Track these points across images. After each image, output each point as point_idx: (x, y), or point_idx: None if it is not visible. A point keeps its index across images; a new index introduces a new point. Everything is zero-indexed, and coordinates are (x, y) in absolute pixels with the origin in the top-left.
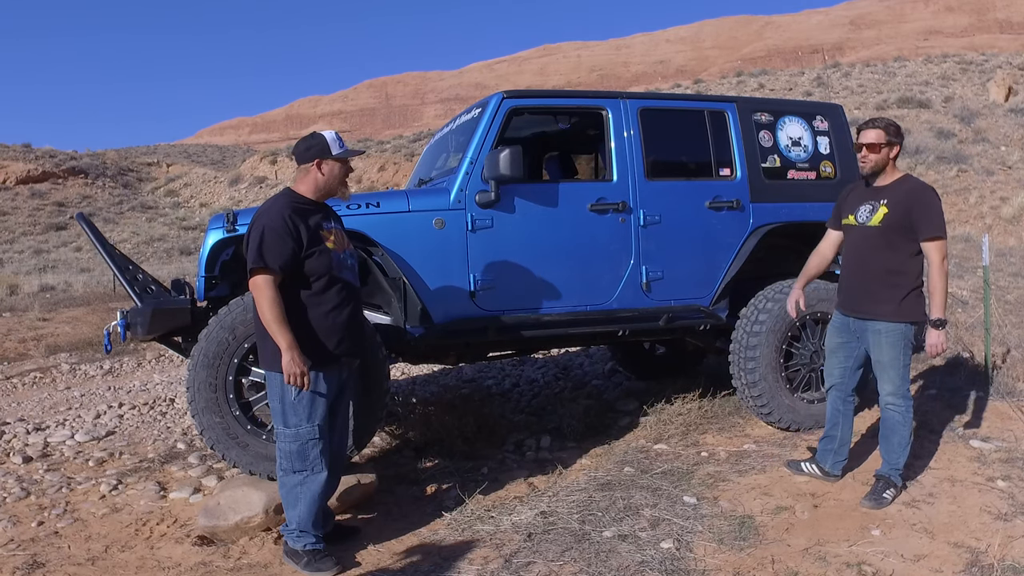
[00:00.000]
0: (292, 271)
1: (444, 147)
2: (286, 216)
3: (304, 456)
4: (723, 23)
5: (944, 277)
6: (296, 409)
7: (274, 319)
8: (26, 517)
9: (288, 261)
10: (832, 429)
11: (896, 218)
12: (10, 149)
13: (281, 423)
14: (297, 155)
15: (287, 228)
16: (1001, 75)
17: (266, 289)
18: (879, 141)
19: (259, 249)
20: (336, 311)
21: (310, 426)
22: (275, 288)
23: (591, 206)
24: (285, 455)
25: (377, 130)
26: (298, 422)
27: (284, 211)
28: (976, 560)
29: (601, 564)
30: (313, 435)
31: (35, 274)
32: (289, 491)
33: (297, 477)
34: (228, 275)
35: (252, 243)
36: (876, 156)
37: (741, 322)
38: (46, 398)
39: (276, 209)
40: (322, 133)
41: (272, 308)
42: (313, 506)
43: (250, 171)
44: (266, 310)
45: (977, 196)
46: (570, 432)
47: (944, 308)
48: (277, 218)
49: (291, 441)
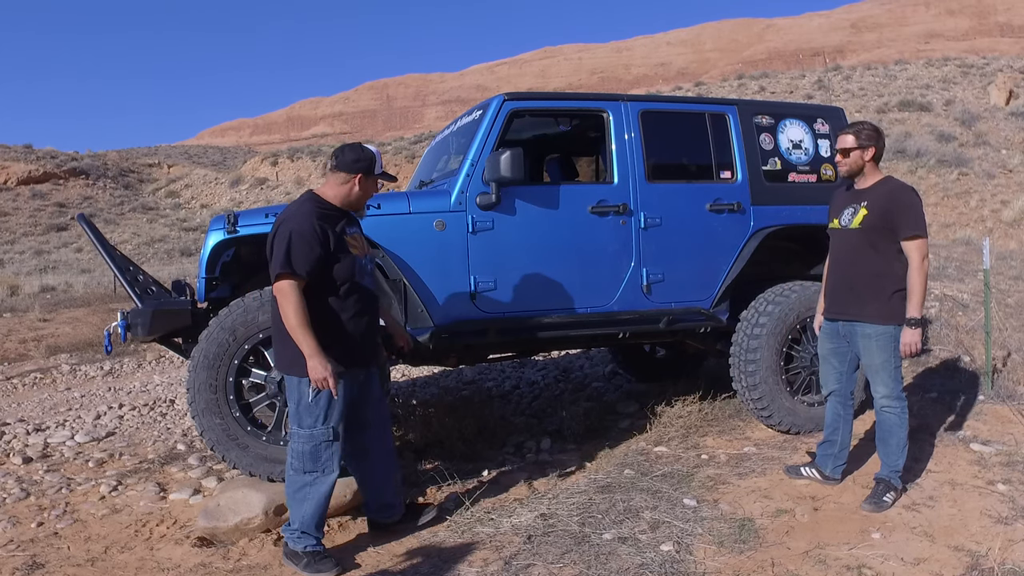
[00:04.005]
0: (317, 277)
1: (445, 149)
2: (314, 221)
3: (316, 457)
4: (724, 26)
5: (923, 276)
6: (311, 411)
7: (299, 324)
8: (26, 518)
9: (315, 267)
10: (832, 434)
11: (875, 219)
12: (11, 150)
13: (296, 424)
14: (341, 163)
15: (315, 233)
16: (1002, 78)
17: (291, 294)
18: (850, 146)
19: (287, 254)
20: (356, 318)
21: (324, 428)
22: (300, 293)
23: (592, 208)
24: (297, 455)
25: (378, 132)
26: (312, 423)
27: (312, 216)
28: (976, 564)
29: (601, 566)
30: (327, 437)
31: (36, 275)
32: (297, 491)
33: (307, 478)
34: (229, 276)
35: (278, 247)
36: (849, 160)
37: (741, 325)
38: (46, 399)
39: (304, 214)
40: (371, 149)
41: (297, 313)
42: (319, 507)
43: (251, 172)
44: (291, 315)
45: (978, 199)
46: (570, 434)
47: (921, 308)
48: (306, 223)
49: (305, 442)
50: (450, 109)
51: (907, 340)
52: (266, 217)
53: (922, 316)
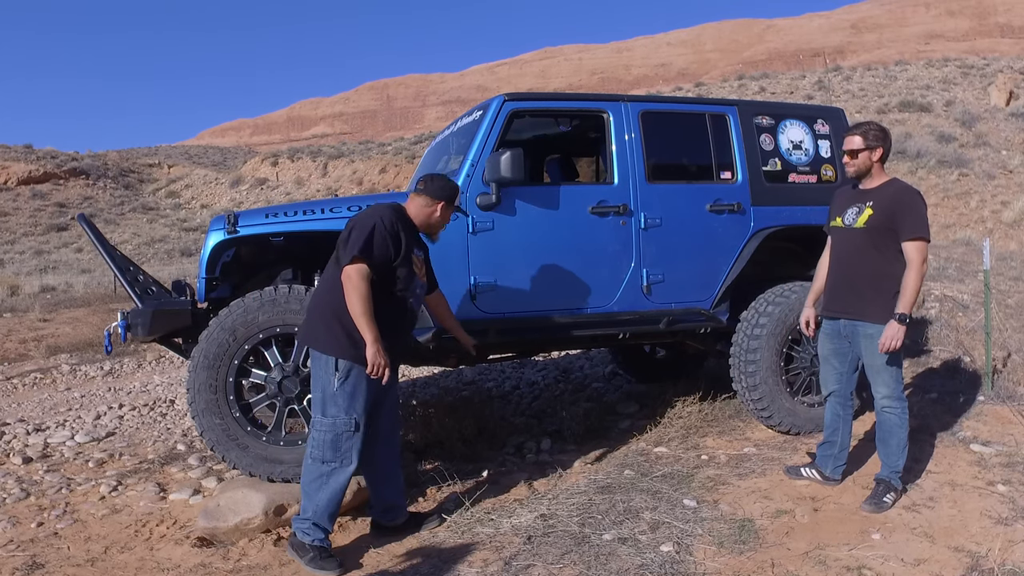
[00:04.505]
0: (378, 274)
1: (445, 149)
2: (397, 223)
3: (337, 447)
4: (724, 26)
5: (920, 277)
6: (336, 400)
7: (364, 312)
8: (26, 518)
9: (385, 262)
10: (832, 435)
11: (881, 219)
12: (12, 150)
13: (320, 412)
14: (429, 188)
15: (395, 233)
16: (1002, 79)
17: (361, 282)
18: (858, 147)
19: (367, 242)
20: (393, 326)
21: (347, 418)
22: (368, 282)
23: (592, 209)
24: (318, 444)
25: (378, 132)
26: (336, 412)
27: (396, 219)
28: (976, 564)
29: (601, 567)
30: (349, 427)
31: (36, 275)
32: (313, 480)
33: (325, 468)
34: (229, 277)
35: (358, 235)
36: (857, 161)
37: (742, 325)
38: (46, 399)
39: (389, 214)
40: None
41: (363, 301)
42: (334, 499)
43: (251, 172)
44: (357, 302)
45: (978, 200)
46: (570, 435)
47: (911, 306)
48: (389, 221)
49: (327, 431)
50: (450, 109)
51: (889, 334)
52: (266, 217)
53: (910, 316)
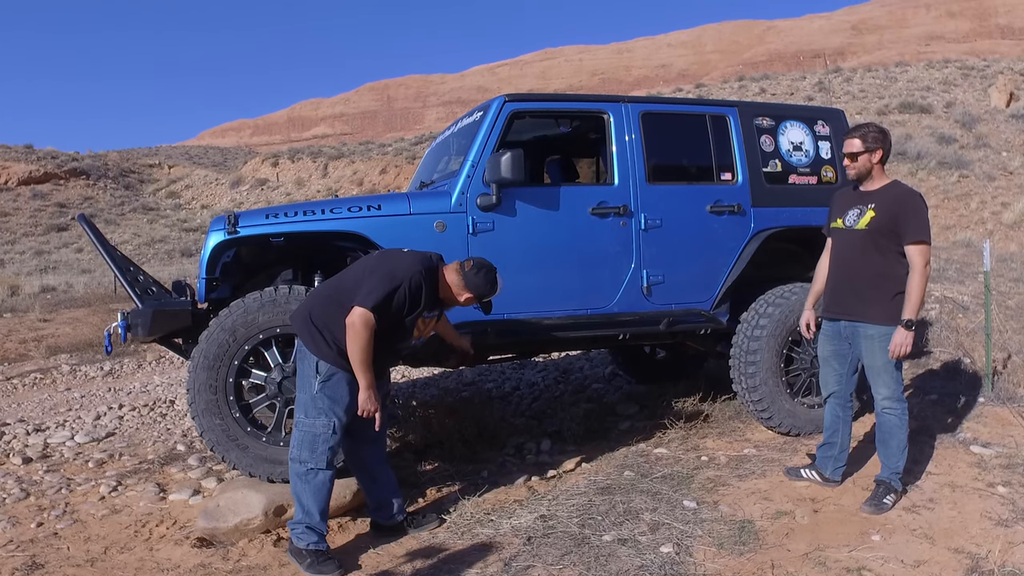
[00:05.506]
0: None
1: (445, 150)
2: (422, 287)
3: (312, 448)
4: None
5: (923, 281)
6: (317, 402)
7: (364, 360)
8: (25, 518)
9: (392, 315)
10: (832, 436)
11: (883, 221)
12: (12, 150)
13: (302, 413)
14: (472, 280)
15: (416, 298)
16: (1002, 80)
17: (364, 330)
18: (858, 149)
19: (387, 296)
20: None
21: (326, 421)
22: (371, 331)
23: (592, 210)
24: (297, 444)
25: (378, 133)
26: (316, 414)
27: (423, 283)
28: (976, 566)
29: (600, 568)
30: (327, 430)
31: (36, 275)
32: (296, 481)
33: (302, 468)
34: (229, 277)
35: (382, 285)
36: (858, 163)
37: (742, 326)
38: (46, 399)
39: (418, 279)
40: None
41: (363, 351)
42: (317, 499)
43: (251, 173)
44: (357, 351)
45: (978, 201)
46: (570, 436)
47: (917, 311)
48: (416, 285)
49: (305, 431)
50: (451, 110)
51: (898, 340)
52: (266, 218)
53: (917, 321)
